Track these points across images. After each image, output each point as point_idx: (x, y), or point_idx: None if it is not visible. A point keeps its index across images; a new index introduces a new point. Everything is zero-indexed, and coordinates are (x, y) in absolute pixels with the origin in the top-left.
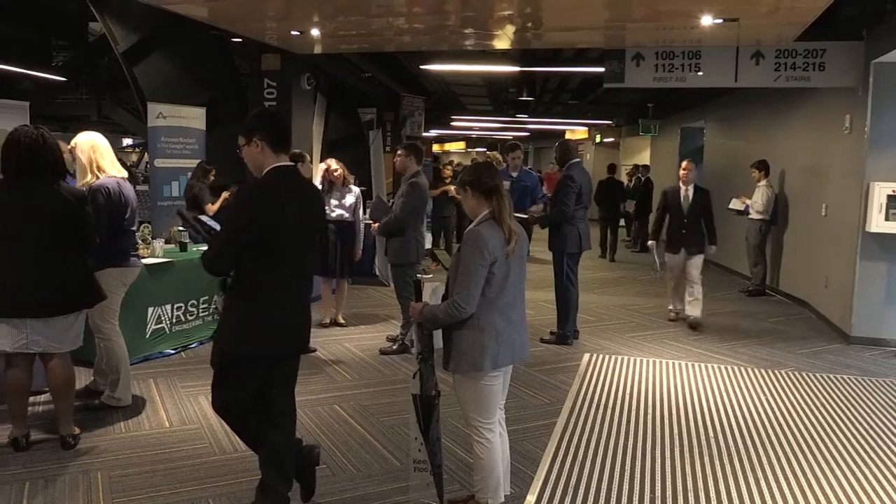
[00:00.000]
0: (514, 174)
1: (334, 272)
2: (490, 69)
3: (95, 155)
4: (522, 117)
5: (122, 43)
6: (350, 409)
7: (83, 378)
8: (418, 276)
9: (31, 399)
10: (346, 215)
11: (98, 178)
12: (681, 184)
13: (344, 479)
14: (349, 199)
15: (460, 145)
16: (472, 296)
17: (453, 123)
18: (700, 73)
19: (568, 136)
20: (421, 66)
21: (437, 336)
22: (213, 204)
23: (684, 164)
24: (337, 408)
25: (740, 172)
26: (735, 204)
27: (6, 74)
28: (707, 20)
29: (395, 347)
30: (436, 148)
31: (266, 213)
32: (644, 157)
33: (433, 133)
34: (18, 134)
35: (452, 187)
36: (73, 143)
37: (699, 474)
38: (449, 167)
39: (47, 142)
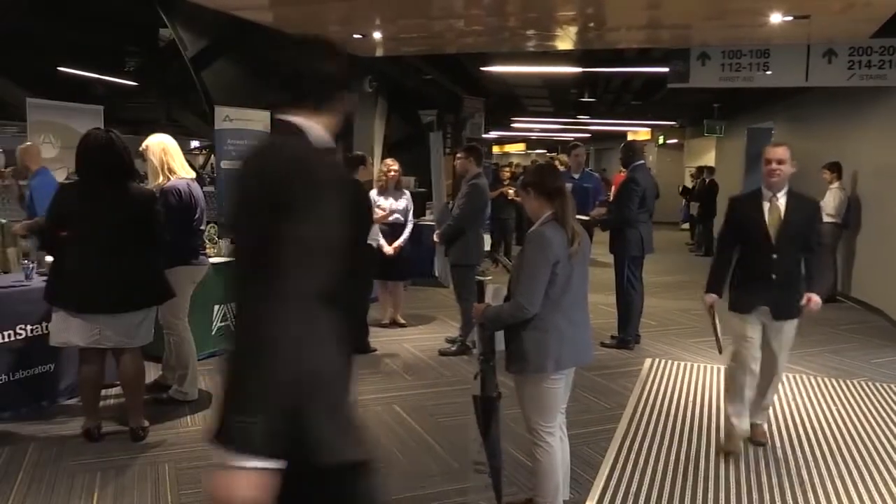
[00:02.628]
0: (576, 175)
1: (388, 274)
2: (551, 70)
3: (166, 157)
4: (584, 118)
5: (191, 48)
6: (408, 409)
7: (152, 373)
8: (479, 277)
9: (103, 392)
10: (400, 218)
11: (169, 179)
12: (764, 188)
13: (401, 477)
14: (402, 203)
15: (520, 147)
16: (536, 296)
17: (514, 125)
18: (769, 73)
19: (630, 137)
20: (482, 68)
21: (500, 337)
22: None
23: (774, 151)
24: (395, 407)
25: (811, 175)
26: None
27: (82, 80)
28: (776, 18)
29: (453, 349)
30: (496, 149)
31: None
32: (709, 159)
33: (493, 135)
34: (90, 137)
35: (511, 189)
36: (144, 145)
37: (764, 485)
38: (507, 169)
39: (116, 144)
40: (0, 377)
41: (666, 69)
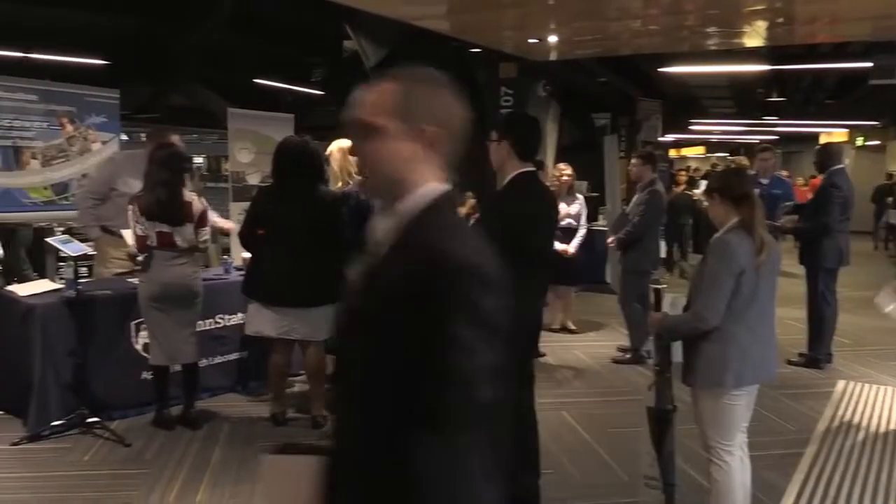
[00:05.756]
0: (764, 180)
1: (559, 279)
2: (736, 69)
3: (346, 162)
4: (771, 119)
5: (372, 58)
6: (578, 417)
7: (332, 366)
8: (656, 285)
9: (289, 380)
10: (573, 222)
11: (349, 183)
12: None
13: (569, 486)
14: (574, 207)
15: (699, 150)
16: (717, 308)
17: (691, 127)
18: None
19: (823, 139)
20: (659, 69)
21: (676, 348)
22: (461, 206)
23: None
24: (564, 414)
25: None
26: None
27: (274, 90)
28: None
29: (627, 357)
30: (672, 153)
31: (514, 220)
32: None
33: (670, 138)
34: (286, 142)
35: (696, 191)
36: (328, 151)
37: None
38: (684, 172)
39: (309, 149)
40: (201, 361)
41: (868, 64)
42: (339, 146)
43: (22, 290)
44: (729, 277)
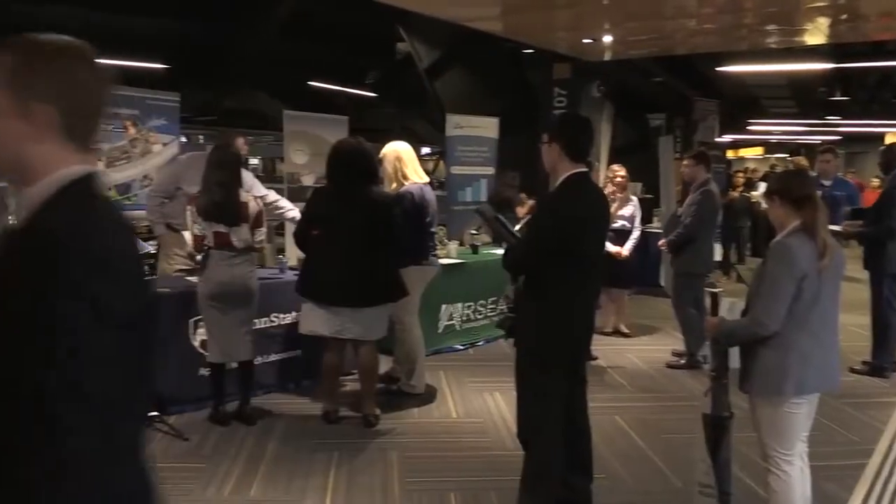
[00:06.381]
0: (826, 182)
1: (612, 282)
2: (796, 68)
3: (400, 164)
4: (833, 119)
5: (426, 60)
6: (630, 421)
7: (383, 365)
8: (713, 289)
9: (341, 379)
10: (627, 224)
11: (403, 185)
12: None
13: (621, 491)
14: (628, 209)
15: (758, 151)
16: (777, 313)
17: (750, 128)
18: None
19: (889, 139)
20: (717, 69)
21: (734, 354)
22: (521, 206)
23: None
24: (617, 418)
25: None
26: None
27: (328, 92)
28: None
29: (682, 362)
30: (730, 154)
31: (567, 222)
32: None
33: (727, 138)
34: (340, 144)
35: (755, 193)
36: (381, 153)
37: None
38: (741, 174)
39: (363, 151)
40: (256, 359)
41: None
42: (392, 148)
43: None
44: (789, 282)
